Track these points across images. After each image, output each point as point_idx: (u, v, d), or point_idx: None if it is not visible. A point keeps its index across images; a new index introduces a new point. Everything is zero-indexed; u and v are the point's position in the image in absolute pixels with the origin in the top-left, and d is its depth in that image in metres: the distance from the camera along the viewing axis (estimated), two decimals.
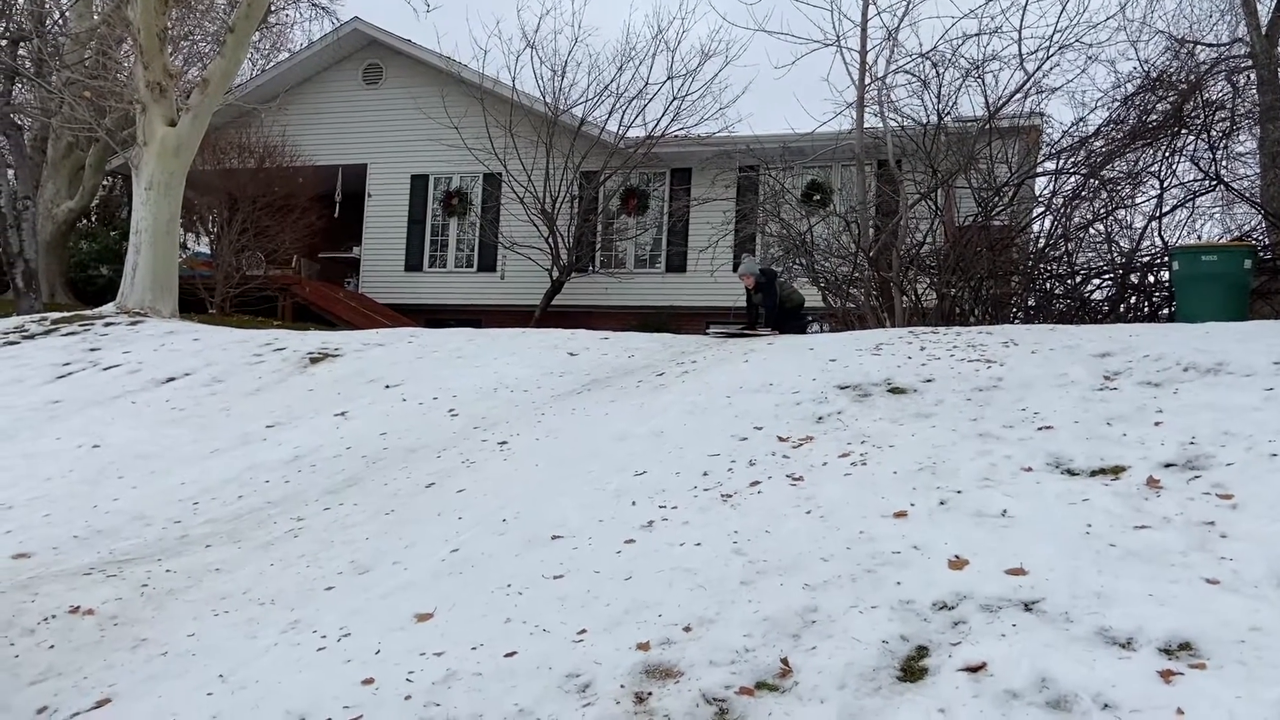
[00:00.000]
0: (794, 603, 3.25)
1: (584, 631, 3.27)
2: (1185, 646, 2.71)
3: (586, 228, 16.79)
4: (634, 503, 4.45)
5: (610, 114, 16.56)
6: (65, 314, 11.62)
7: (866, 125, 12.37)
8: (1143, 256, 11.12)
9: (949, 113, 11.80)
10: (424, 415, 6.77)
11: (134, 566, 4.45)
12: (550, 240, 16.21)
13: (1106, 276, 11.38)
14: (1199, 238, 12.10)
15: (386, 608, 3.73)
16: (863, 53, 12.18)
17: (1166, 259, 10.27)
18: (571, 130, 16.24)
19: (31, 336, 10.19)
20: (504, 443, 5.83)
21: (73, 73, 14.00)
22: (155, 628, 3.87)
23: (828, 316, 12.03)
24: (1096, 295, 11.46)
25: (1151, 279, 10.99)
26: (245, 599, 4.06)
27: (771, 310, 10.02)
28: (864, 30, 12.21)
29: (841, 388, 5.93)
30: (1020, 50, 11.47)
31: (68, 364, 9.05)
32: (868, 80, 12.25)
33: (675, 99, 16.46)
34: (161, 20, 11.92)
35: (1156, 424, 4.56)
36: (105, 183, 19.00)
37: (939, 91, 11.77)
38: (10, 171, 13.25)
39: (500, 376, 7.51)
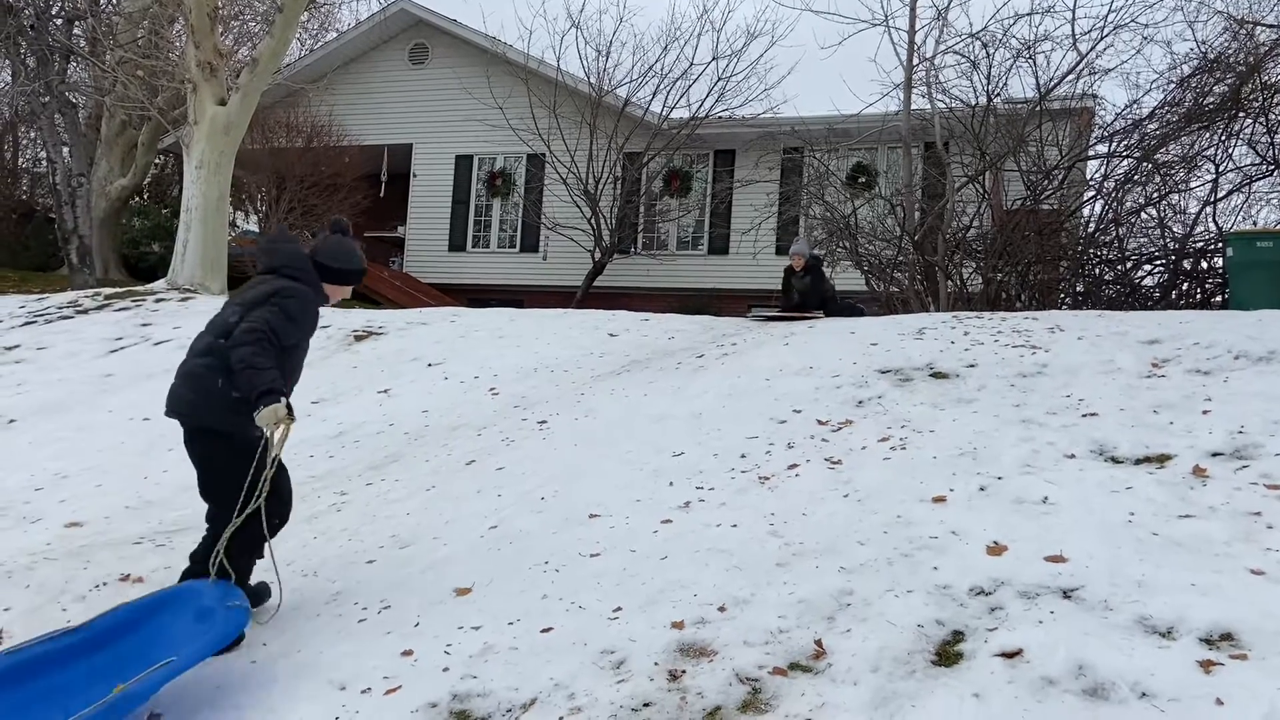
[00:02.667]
0: (829, 585, 3.25)
1: (619, 609, 3.30)
2: (1227, 637, 2.67)
3: (629, 209, 16.77)
4: (671, 483, 4.47)
5: (654, 95, 16.50)
6: (118, 290, 11.86)
7: (914, 107, 12.21)
8: (1196, 242, 10.91)
9: (998, 94, 11.62)
10: (465, 394, 6.83)
11: (182, 536, 4.55)
12: (593, 221, 16.21)
13: (1158, 262, 11.18)
14: (1255, 223, 11.81)
15: (426, 582, 3.79)
16: (911, 33, 12.03)
17: (1220, 245, 10.05)
18: (615, 111, 16.20)
19: (85, 311, 10.42)
20: (543, 422, 5.88)
21: (126, 52, 14.22)
22: None
23: (870, 300, 11.92)
24: (1147, 281, 11.28)
25: (1205, 265, 10.78)
26: (289, 570, 4.13)
27: (813, 296, 9.83)
28: (913, 10, 12.04)
29: (883, 372, 5.89)
30: (1073, 30, 11.31)
31: (120, 339, 9.24)
32: (916, 61, 12.09)
33: (720, 80, 16.35)
34: (212, 0, 12.07)
35: (1205, 412, 4.49)
36: (157, 161, 19.28)
37: (989, 72, 11.60)
38: (65, 149, 13.51)
39: (540, 357, 7.56)
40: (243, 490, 3.46)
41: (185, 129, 12.33)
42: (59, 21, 14.44)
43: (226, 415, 3.47)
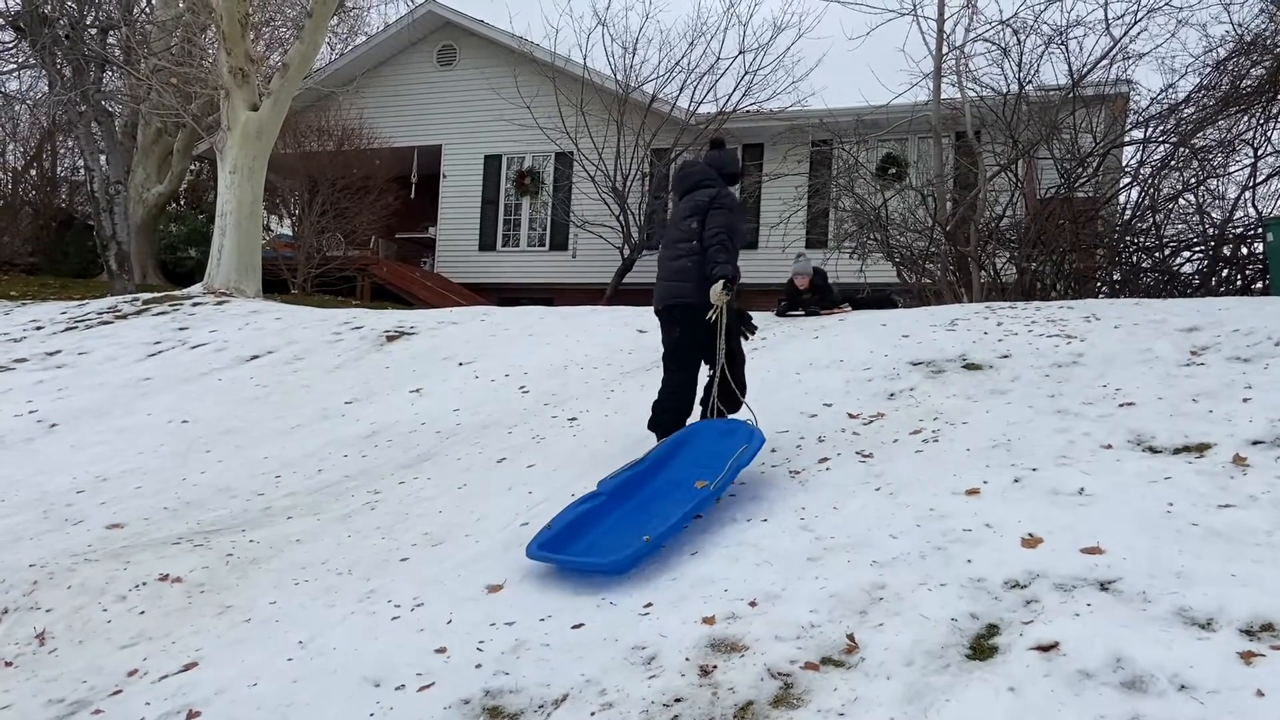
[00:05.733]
0: (861, 579, 3.23)
1: (650, 605, 3.30)
2: (1268, 627, 2.62)
3: (658, 205, 16.72)
4: None
5: (681, 90, 16.45)
6: (156, 294, 12.03)
7: (944, 96, 12.09)
8: (1235, 228, 10.72)
9: (1030, 81, 11.47)
10: (495, 392, 6.86)
11: (219, 537, 4.61)
12: (621, 218, 16.20)
13: (1197, 249, 10.99)
14: None
15: (458, 579, 3.81)
16: (940, 21, 11.90)
17: (1260, 230, 9.87)
18: (642, 108, 16.18)
19: (124, 316, 10.58)
20: (573, 419, 5.89)
21: (160, 60, 14.42)
22: (239, 595, 4.01)
23: (902, 292, 11.81)
24: (1186, 268, 11.10)
25: (1244, 251, 10.59)
26: (324, 569, 4.18)
27: (823, 305, 9.55)
28: None
29: (914, 364, 5.85)
30: (1106, 15, 11.20)
31: (158, 343, 9.38)
32: (945, 50, 11.96)
33: (747, 73, 16.28)
34: (243, 7, 12.20)
35: (1245, 400, 4.41)
36: (193, 167, 19.54)
37: (1020, 59, 11.45)
38: (103, 157, 13.72)
39: (570, 354, 7.57)
40: (703, 351, 4.71)
41: (219, 135, 12.48)
42: (94, 31, 14.64)
43: (704, 292, 4.62)
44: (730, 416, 4.71)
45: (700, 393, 4.82)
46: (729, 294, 4.56)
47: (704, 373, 4.85)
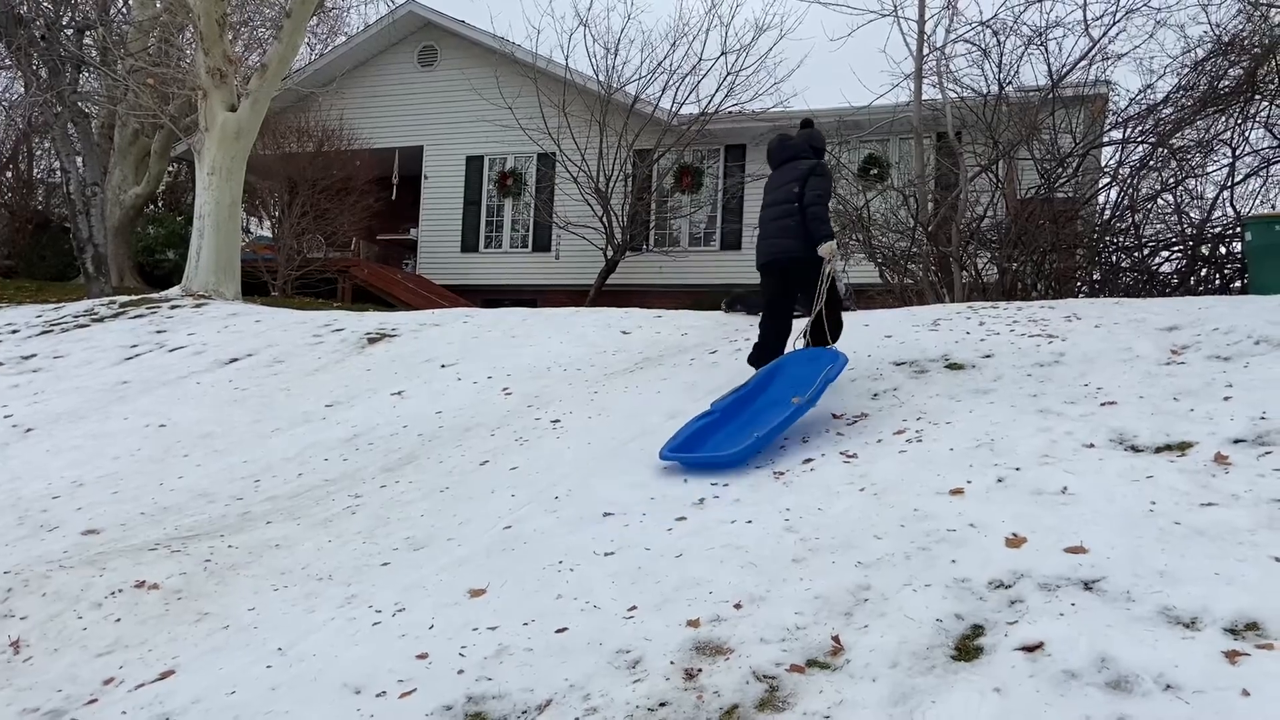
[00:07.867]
0: (846, 581, 3.22)
1: (634, 608, 3.28)
2: (1252, 626, 2.62)
3: (640, 206, 16.72)
4: (685, 480, 4.45)
5: (663, 91, 16.44)
6: (133, 297, 11.90)
7: (925, 97, 12.11)
8: (1214, 227, 10.78)
9: (1010, 82, 11.51)
10: (478, 394, 6.82)
11: (198, 542, 4.56)
12: (604, 219, 16.18)
13: (1176, 248, 11.05)
14: (1273, 207, 11.67)
15: (440, 584, 3.78)
16: (921, 22, 11.92)
17: (1239, 230, 9.94)
18: (624, 109, 16.16)
19: (101, 319, 10.47)
20: (557, 421, 5.86)
21: (137, 60, 14.30)
22: (217, 602, 3.96)
23: (885, 293, 11.83)
24: (1165, 268, 11.16)
25: (1223, 250, 10.66)
26: (304, 574, 4.14)
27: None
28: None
29: (897, 364, 5.85)
30: (1085, 16, 11.15)
31: (135, 346, 9.28)
32: (926, 51, 11.99)
33: (729, 74, 16.28)
34: (221, 7, 12.10)
35: (1225, 399, 4.43)
36: (171, 169, 19.35)
37: (1000, 60, 11.48)
38: (79, 159, 13.57)
39: (554, 355, 7.53)
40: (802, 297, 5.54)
41: (197, 136, 12.37)
42: (70, 32, 14.47)
43: (807, 248, 5.45)
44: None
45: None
46: (840, 250, 5.42)
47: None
